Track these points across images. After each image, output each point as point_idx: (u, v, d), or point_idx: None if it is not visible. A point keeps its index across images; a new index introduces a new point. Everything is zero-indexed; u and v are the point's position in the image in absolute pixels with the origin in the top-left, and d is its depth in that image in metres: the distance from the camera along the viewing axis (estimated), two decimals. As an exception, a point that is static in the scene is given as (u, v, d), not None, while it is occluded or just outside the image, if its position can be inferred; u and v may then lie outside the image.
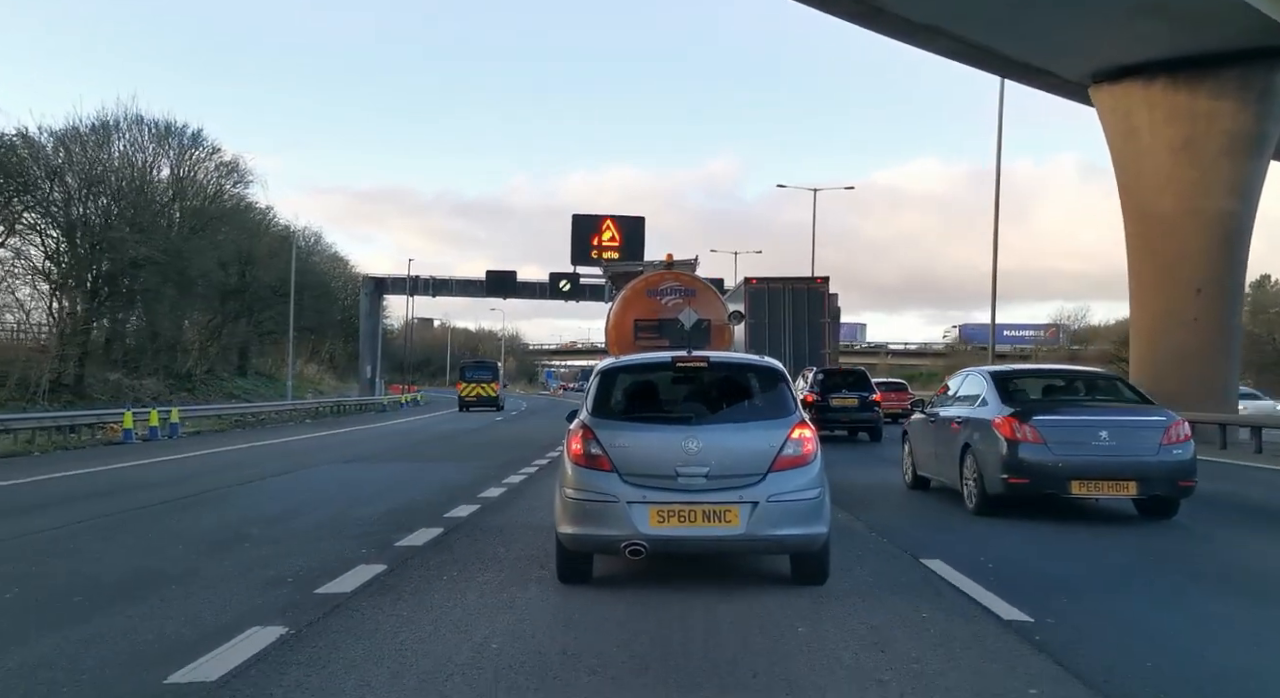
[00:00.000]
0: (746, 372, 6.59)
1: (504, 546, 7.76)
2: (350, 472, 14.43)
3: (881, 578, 6.43)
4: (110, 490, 11.96)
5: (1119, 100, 22.94)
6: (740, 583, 6.16)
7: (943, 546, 7.69)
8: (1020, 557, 7.44)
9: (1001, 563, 7.01)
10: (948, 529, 8.81)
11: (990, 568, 6.77)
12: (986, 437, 9.46)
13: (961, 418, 10.25)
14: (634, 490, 5.65)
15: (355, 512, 9.78)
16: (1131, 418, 9.29)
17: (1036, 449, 8.96)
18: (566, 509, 5.85)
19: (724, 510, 5.59)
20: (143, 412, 24.09)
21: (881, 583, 6.27)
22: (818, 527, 5.76)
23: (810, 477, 5.78)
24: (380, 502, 10.65)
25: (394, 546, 7.72)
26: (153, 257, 32.84)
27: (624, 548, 5.67)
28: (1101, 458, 8.87)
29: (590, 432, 5.87)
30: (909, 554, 7.38)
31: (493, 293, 55.98)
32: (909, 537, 8.24)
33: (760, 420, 5.97)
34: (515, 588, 6.07)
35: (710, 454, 5.66)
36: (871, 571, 6.68)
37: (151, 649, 4.73)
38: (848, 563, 6.76)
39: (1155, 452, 8.89)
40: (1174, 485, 8.95)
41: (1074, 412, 9.53)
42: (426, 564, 6.93)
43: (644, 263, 22.22)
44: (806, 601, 5.68)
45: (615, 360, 6.84)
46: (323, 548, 7.63)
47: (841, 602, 5.68)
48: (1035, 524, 8.95)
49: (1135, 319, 23.90)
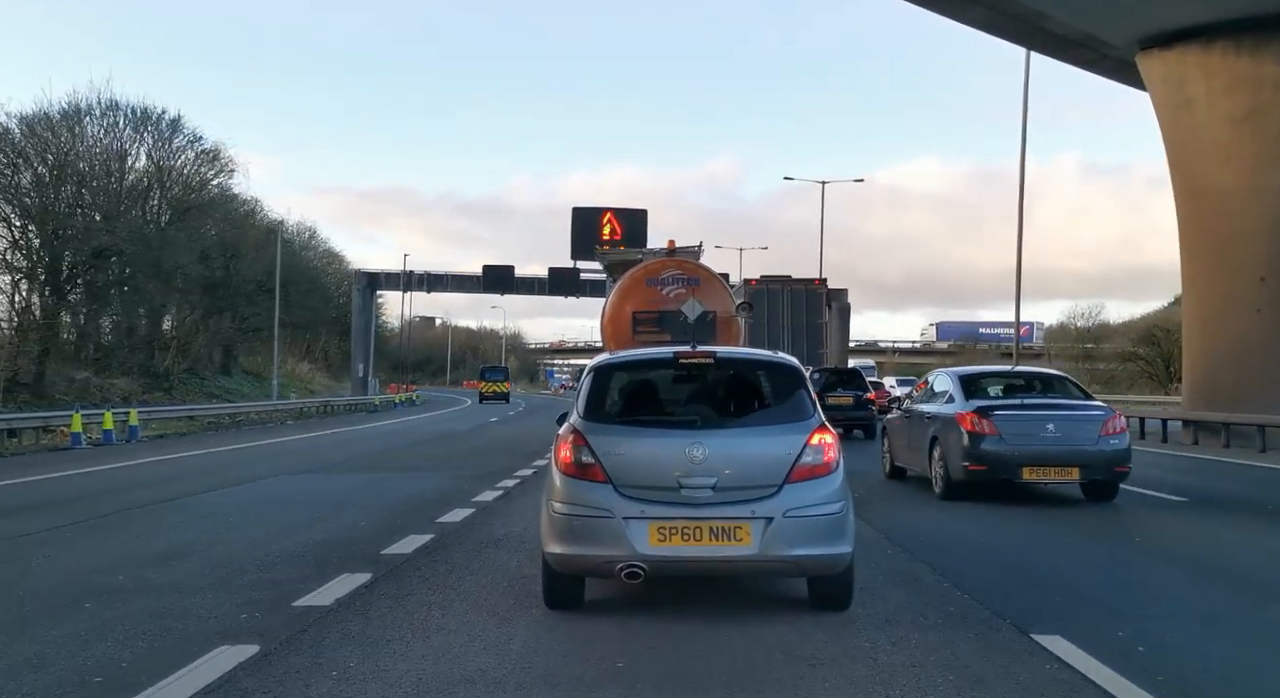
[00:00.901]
0: (759, 369, 6.04)
1: (451, 600, 5.64)
2: (296, 486, 12.28)
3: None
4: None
5: (1171, 68, 20.74)
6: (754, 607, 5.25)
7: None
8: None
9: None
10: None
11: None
12: (951, 430, 10.49)
13: (931, 413, 11.28)
14: (631, 505, 5.05)
15: (270, 546, 7.64)
16: (1074, 412, 10.38)
17: (993, 440, 10.05)
18: (554, 526, 5.20)
19: (734, 527, 5.00)
20: (96, 413, 21.98)
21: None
22: (841, 546, 5.14)
23: (833, 488, 5.17)
24: (311, 530, 8.51)
25: (291, 605, 5.59)
26: (117, 246, 30.68)
27: (620, 571, 5.01)
28: (1048, 447, 10.04)
29: (581, 437, 5.22)
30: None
31: (490, 289, 53.74)
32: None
33: (775, 424, 5.37)
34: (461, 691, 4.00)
35: (718, 463, 5.06)
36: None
37: None
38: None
39: (1095, 442, 10.05)
40: (1111, 471, 10.17)
41: (1026, 407, 10.56)
42: (321, 643, 4.79)
43: (643, 250, 20.02)
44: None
45: (610, 356, 6.11)
46: (192, 611, 5.50)
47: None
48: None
49: (1188, 309, 21.69)
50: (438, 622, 5.23)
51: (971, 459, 10.08)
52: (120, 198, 36.07)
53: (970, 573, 6.59)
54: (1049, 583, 6.34)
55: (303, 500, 10.62)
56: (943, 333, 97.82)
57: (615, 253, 20.42)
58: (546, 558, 5.31)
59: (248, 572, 6.61)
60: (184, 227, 38.33)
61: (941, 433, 10.67)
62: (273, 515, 9.45)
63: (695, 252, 18.84)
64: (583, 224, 47.48)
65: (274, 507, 10.14)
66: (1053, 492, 11.10)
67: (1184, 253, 21.45)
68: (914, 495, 11.13)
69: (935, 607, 5.57)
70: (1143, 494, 11.42)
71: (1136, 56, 21.61)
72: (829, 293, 59.05)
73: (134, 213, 36.30)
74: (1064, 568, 6.90)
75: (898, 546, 7.72)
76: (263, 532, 8.37)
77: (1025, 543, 8.12)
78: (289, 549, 7.47)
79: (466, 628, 5.07)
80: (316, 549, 7.50)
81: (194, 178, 40.70)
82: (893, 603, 5.65)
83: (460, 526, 8.77)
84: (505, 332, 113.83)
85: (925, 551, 7.50)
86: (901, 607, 5.57)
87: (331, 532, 8.41)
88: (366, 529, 8.55)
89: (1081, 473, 10.08)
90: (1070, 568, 6.90)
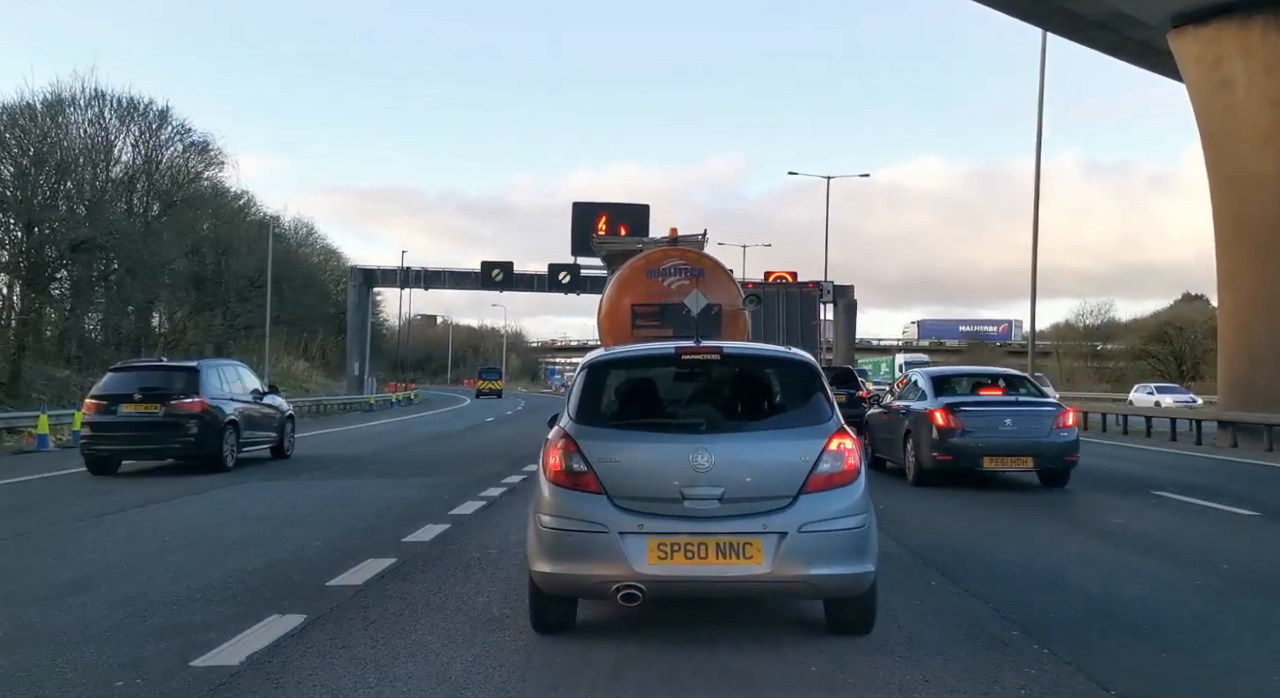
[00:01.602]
0: (770, 366, 5.52)
1: (394, 658, 4.43)
2: (256, 496, 11.07)
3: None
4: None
5: (1206, 47, 19.47)
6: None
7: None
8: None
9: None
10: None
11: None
12: (922, 424, 11.64)
13: (905, 409, 12.41)
14: (628, 518, 4.56)
15: (197, 576, 6.44)
16: (1030, 408, 11.59)
17: (958, 433, 11.22)
18: (542, 542, 4.70)
19: (743, 543, 4.51)
20: (66, 414, 20.81)
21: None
22: (863, 564, 4.63)
23: (853, 499, 4.68)
24: (253, 553, 7.31)
25: (189, 664, 4.40)
26: (96, 239, 29.50)
27: (615, 592, 4.52)
28: (1006, 439, 11.20)
29: (572, 442, 4.74)
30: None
31: (488, 285, 52.48)
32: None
33: (789, 427, 4.88)
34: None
35: (725, 471, 4.59)
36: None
37: None
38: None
39: (1047, 434, 11.23)
40: (1062, 460, 11.34)
41: (987, 403, 11.70)
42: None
43: (644, 239, 18.75)
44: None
45: (605, 352, 5.57)
46: (57, 671, 4.31)
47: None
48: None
49: (1224, 304, 20.42)
50: (371, 690, 4.03)
51: (939, 450, 11.27)
52: (105, 190, 34.93)
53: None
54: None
55: (258, 514, 9.42)
56: (924, 331, 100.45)
57: (614, 242, 19.11)
58: (534, 577, 4.76)
59: (155, 612, 5.41)
60: (172, 220, 37.19)
61: (914, 427, 11.84)
62: (216, 534, 8.25)
63: (699, 241, 17.55)
64: (583, 219, 46.38)
65: (222, 522, 8.94)
66: (1011, 479, 12.20)
67: (1219, 244, 20.17)
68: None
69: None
70: (1204, 507, 10.25)
71: (1168, 35, 20.35)
72: (836, 290, 58.20)
73: (119, 206, 35.14)
74: (1109, 586, 5.70)
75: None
76: (195, 556, 7.18)
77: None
78: (217, 581, 6.27)
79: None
80: (250, 580, 6.30)
81: (182, 170, 39.54)
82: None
83: (429, 547, 7.58)
84: (506, 330, 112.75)
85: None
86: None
87: (276, 555, 7.21)
88: (318, 552, 7.35)
89: (1035, 462, 11.28)
90: (1114, 587, 5.69)
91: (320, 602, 5.63)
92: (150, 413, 13.28)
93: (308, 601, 5.66)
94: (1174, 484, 12.26)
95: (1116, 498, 10.95)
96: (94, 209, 32.82)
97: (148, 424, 13.27)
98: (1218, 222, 20.20)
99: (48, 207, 30.36)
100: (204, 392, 13.54)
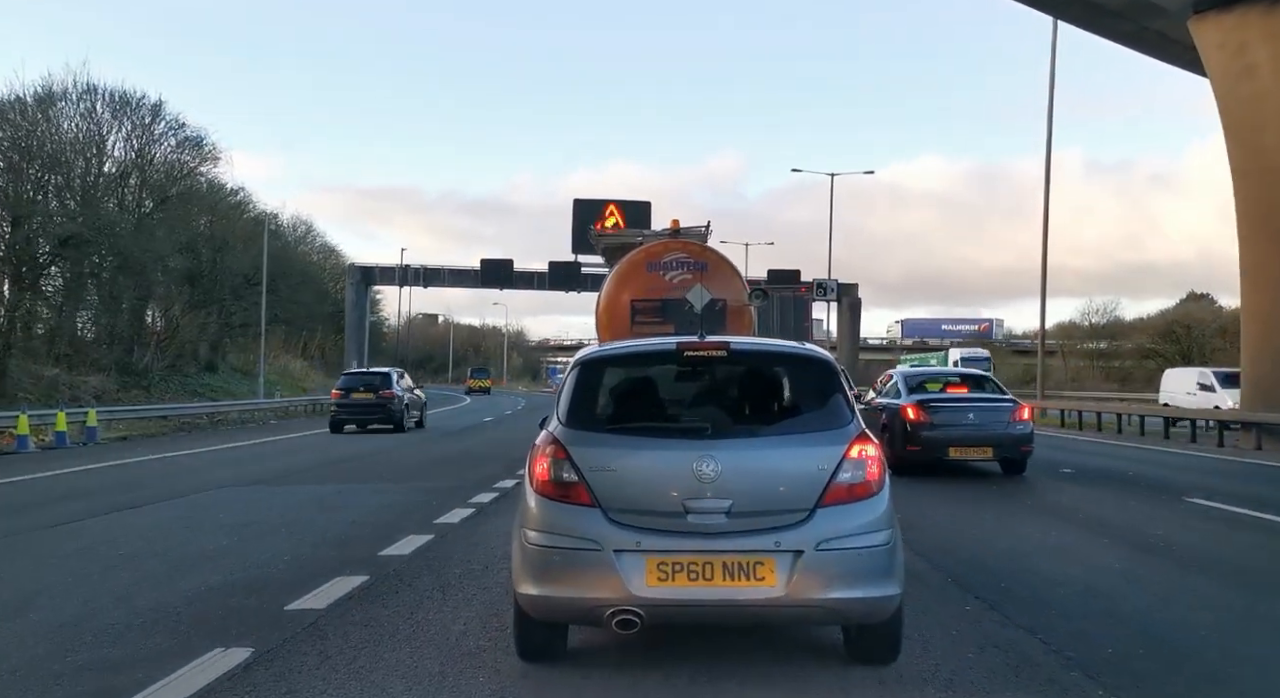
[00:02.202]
0: (782, 363, 4.97)
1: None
2: (232, 502, 10.37)
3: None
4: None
5: (1229, 33, 18.75)
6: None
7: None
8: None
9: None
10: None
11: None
12: (896, 418, 12.77)
13: (881, 405, 13.63)
14: (624, 534, 4.02)
15: (143, 596, 5.77)
16: (990, 404, 12.86)
17: (927, 426, 12.37)
18: (527, 560, 4.16)
19: (754, 563, 3.97)
20: (49, 413, 20.15)
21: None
22: (888, 586, 4.09)
23: (877, 514, 4.14)
24: (212, 568, 6.64)
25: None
26: (83, 233, 28.84)
27: (609, 618, 3.97)
28: (969, 432, 12.40)
29: (562, 449, 4.22)
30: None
31: (488, 283, 51.77)
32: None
33: (804, 432, 4.34)
34: None
35: (733, 481, 4.05)
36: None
37: None
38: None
39: (1005, 426, 12.45)
40: (1018, 450, 12.52)
41: (953, 400, 13.03)
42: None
43: (644, 232, 18.01)
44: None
45: (598, 348, 5.10)
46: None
47: None
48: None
49: (1247, 301, 19.67)
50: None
51: (910, 442, 12.43)
52: (97, 185, 34.27)
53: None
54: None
55: (228, 523, 8.74)
56: (908, 330, 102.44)
57: (613, 235, 18.37)
58: (518, 600, 4.25)
59: (84, 645, 4.74)
60: (166, 216, 36.53)
61: (890, 421, 12.93)
62: (178, 546, 7.57)
63: (702, 233, 16.85)
64: (584, 216, 45.64)
65: (187, 533, 8.25)
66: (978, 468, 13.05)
67: (1242, 238, 19.45)
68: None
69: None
70: (1245, 515, 9.55)
71: (1189, 21, 19.62)
72: (840, 288, 57.49)
73: (110, 202, 34.50)
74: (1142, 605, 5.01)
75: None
76: (148, 572, 6.51)
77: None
78: (164, 603, 5.59)
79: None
80: (202, 602, 5.63)
81: (176, 166, 38.85)
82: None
83: (408, 562, 6.91)
84: (507, 329, 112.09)
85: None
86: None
87: (237, 571, 6.54)
88: (284, 568, 6.68)
89: (995, 452, 12.47)
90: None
91: (274, 631, 4.95)
92: (368, 398, 23.67)
93: (260, 629, 4.99)
94: (1205, 490, 11.59)
95: (1148, 506, 10.27)
96: (85, 204, 32.18)
97: (367, 405, 23.68)
98: (1241, 215, 19.48)
99: (36, 201, 29.71)
100: (393, 387, 23.94)
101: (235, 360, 47.73)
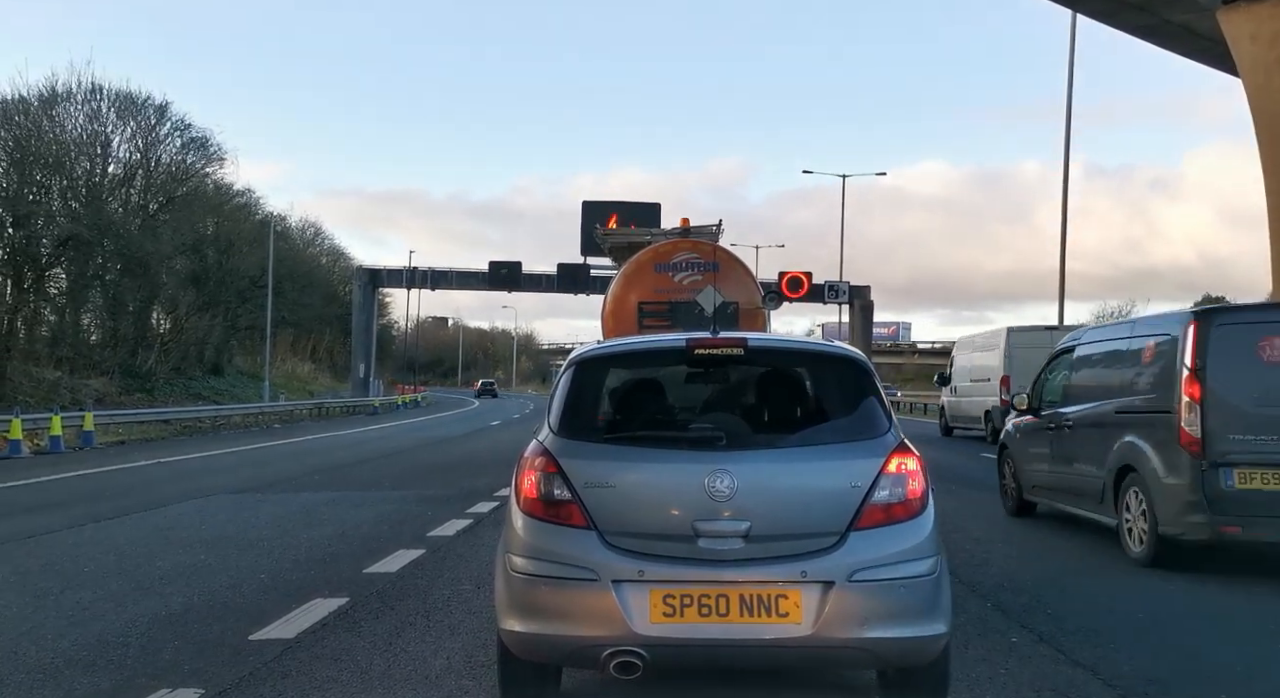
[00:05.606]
0: (807, 363, 4.39)
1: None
2: (212, 514, 9.81)
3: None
4: None
5: (1261, 24, 18.09)
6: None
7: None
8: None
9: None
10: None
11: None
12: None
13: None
14: (625, 561, 3.43)
15: (90, 624, 5.20)
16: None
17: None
18: (513, 591, 3.55)
19: (776, 596, 3.38)
20: (44, 417, 19.69)
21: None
22: (933, 624, 3.46)
23: (920, 538, 3.52)
24: (173, 591, 6.05)
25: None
26: (82, 234, 28.46)
27: (607, 659, 3.38)
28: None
29: (553, 462, 3.61)
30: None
31: (496, 285, 51.21)
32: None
33: (835, 443, 3.70)
34: None
35: (752, 500, 3.45)
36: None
37: None
38: None
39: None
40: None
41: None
42: None
43: (653, 231, 17.41)
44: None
45: (596, 346, 4.36)
46: None
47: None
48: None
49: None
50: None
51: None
52: (102, 186, 33.94)
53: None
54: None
55: (208, 537, 8.18)
56: (826, 335, 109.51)
57: (620, 234, 17.76)
58: (503, 638, 3.67)
59: (9, 685, 4.17)
60: (170, 217, 36.18)
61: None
62: (148, 562, 7.02)
63: (713, 232, 16.29)
64: (593, 219, 45.02)
65: (162, 546, 7.69)
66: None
67: (1274, 237, 18.75)
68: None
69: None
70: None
71: (1218, 12, 18.95)
72: (851, 290, 56.70)
73: (114, 202, 34.16)
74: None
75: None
76: (107, 594, 5.94)
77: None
78: (115, 631, 5.02)
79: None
80: (157, 630, 5.06)
81: (181, 167, 38.51)
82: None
83: (393, 581, 6.34)
84: (517, 333, 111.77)
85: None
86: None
87: (205, 593, 5.97)
88: (257, 588, 6.11)
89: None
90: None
91: (230, 667, 4.38)
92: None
93: (217, 663, 4.42)
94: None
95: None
96: (90, 204, 31.84)
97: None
98: (1273, 215, 18.78)
99: (39, 201, 29.37)
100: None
101: (242, 363, 47.40)
